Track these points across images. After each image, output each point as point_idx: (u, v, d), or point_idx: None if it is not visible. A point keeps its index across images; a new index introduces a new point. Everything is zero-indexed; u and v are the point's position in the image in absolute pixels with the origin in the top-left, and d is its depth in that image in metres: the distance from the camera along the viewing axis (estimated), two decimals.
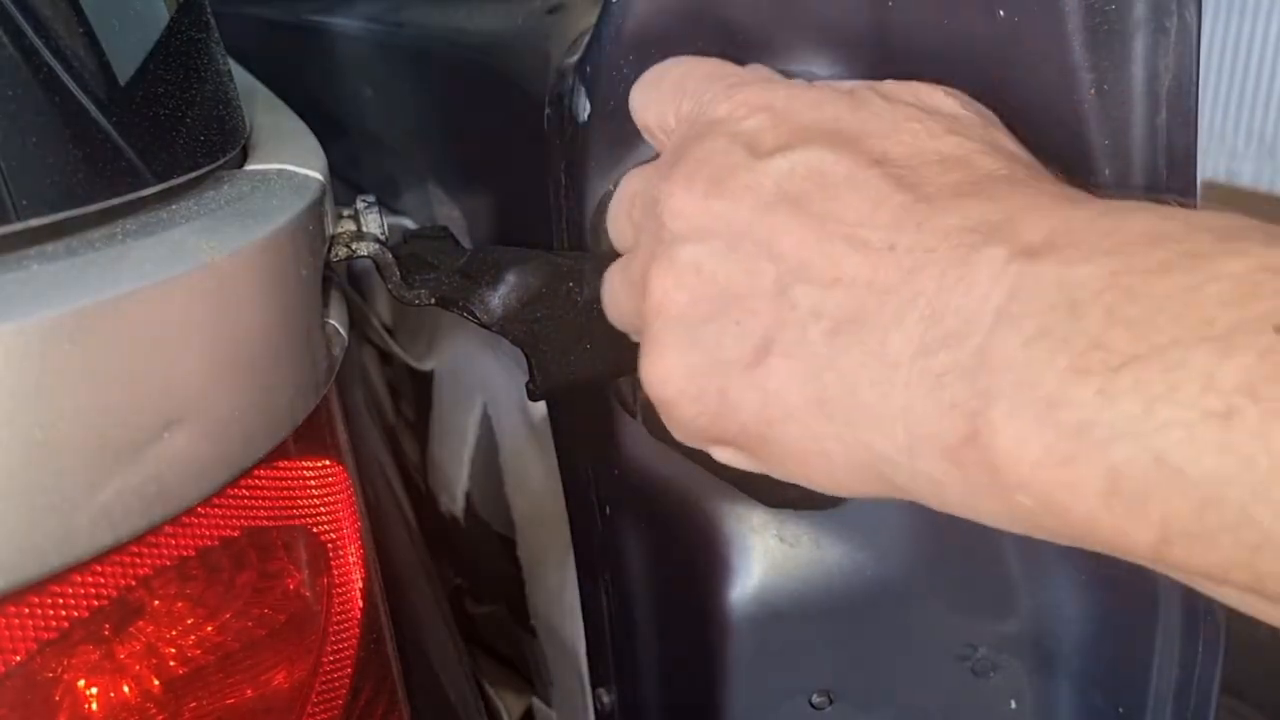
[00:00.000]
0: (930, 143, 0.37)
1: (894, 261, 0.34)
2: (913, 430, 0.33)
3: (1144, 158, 0.46)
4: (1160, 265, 0.28)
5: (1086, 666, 0.57)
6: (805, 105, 0.39)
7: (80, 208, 0.36)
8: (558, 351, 0.48)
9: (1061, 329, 0.29)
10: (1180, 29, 0.44)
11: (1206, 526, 0.26)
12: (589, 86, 0.49)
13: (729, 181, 0.38)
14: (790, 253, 0.36)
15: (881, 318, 0.34)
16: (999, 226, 0.32)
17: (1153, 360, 0.27)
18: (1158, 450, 0.27)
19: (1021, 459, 0.29)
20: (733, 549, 0.55)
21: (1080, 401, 0.28)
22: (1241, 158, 2.76)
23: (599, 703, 0.66)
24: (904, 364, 0.33)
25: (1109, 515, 0.28)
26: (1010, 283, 0.31)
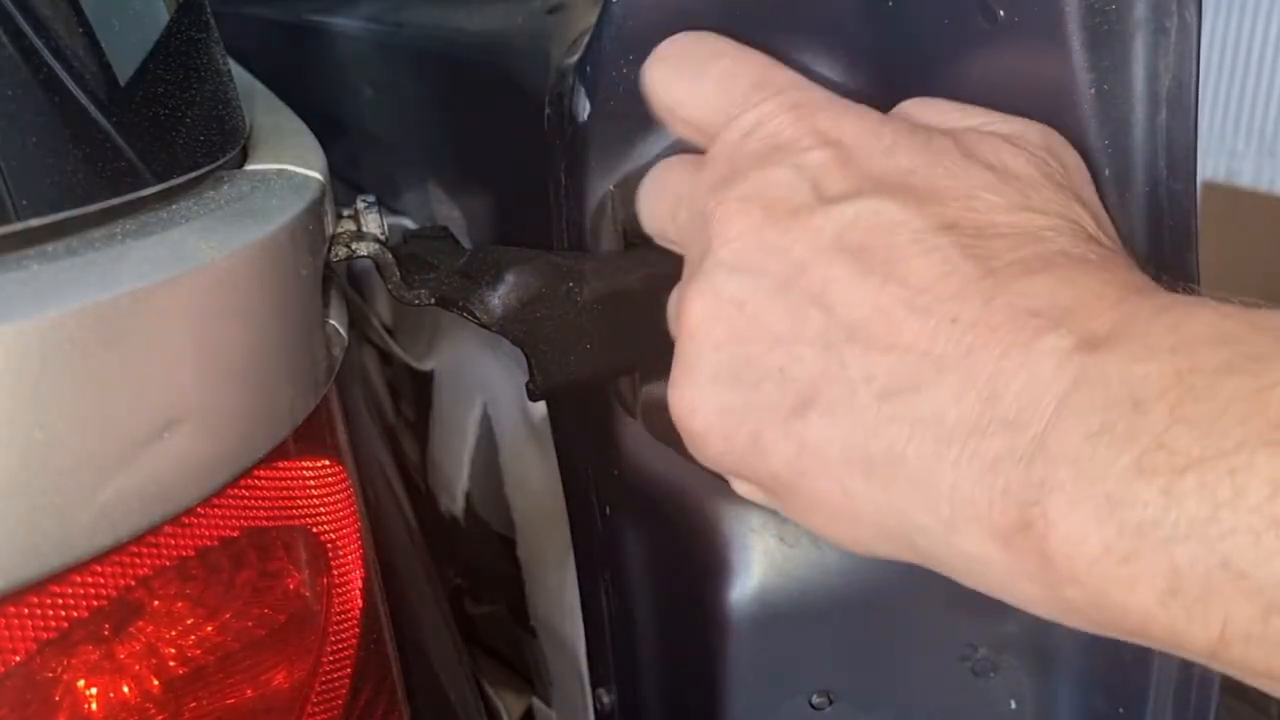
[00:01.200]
0: (1004, 216, 0.35)
1: (955, 335, 0.33)
2: (958, 509, 0.32)
3: (1144, 158, 0.46)
4: (1224, 366, 0.28)
5: (1086, 666, 0.57)
6: (878, 150, 0.37)
7: (80, 208, 0.36)
8: (558, 351, 0.48)
9: (1125, 425, 0.29)
10: (1180, 29, 0.44)
11: (1271, 631, 0.26)
12: (589, 86, 0.49)
13: (788, 220, 0.36)
14: (843, 307, 0.35)
15: (937, 391, 0.33)
16: (1067, 312, 0.32)
17: (1218, 463, 0.27)
18: (1223, 554, 0.26)
19: (1079, 554, 0.29)
20: (733, 549, 0.55)
21: (1144, 501, 0.28)
22: (1241, 158, 2.76)
23: (599, 703, 0.66)
24: (957, 442, 0.32)
25: (1165, 615, 0.28)
26: (1074, 374, 0.30)
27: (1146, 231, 0.47)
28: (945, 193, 0.36)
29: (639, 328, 0.47)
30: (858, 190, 0.36)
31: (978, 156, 0.37)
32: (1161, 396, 0.28)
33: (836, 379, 0.35)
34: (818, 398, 0.35)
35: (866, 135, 0.38)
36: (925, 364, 0.33)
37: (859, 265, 0.35)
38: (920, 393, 0.33)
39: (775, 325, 0.36)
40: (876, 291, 0.34)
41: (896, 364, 0.34)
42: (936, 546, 0.34)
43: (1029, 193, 0.36)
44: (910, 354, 0.33)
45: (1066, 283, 0.33)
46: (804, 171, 0.37)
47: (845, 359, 0.35)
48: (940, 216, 0.35)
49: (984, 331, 0.32)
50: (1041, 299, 0.32)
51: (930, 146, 0.38)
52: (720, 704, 0.57)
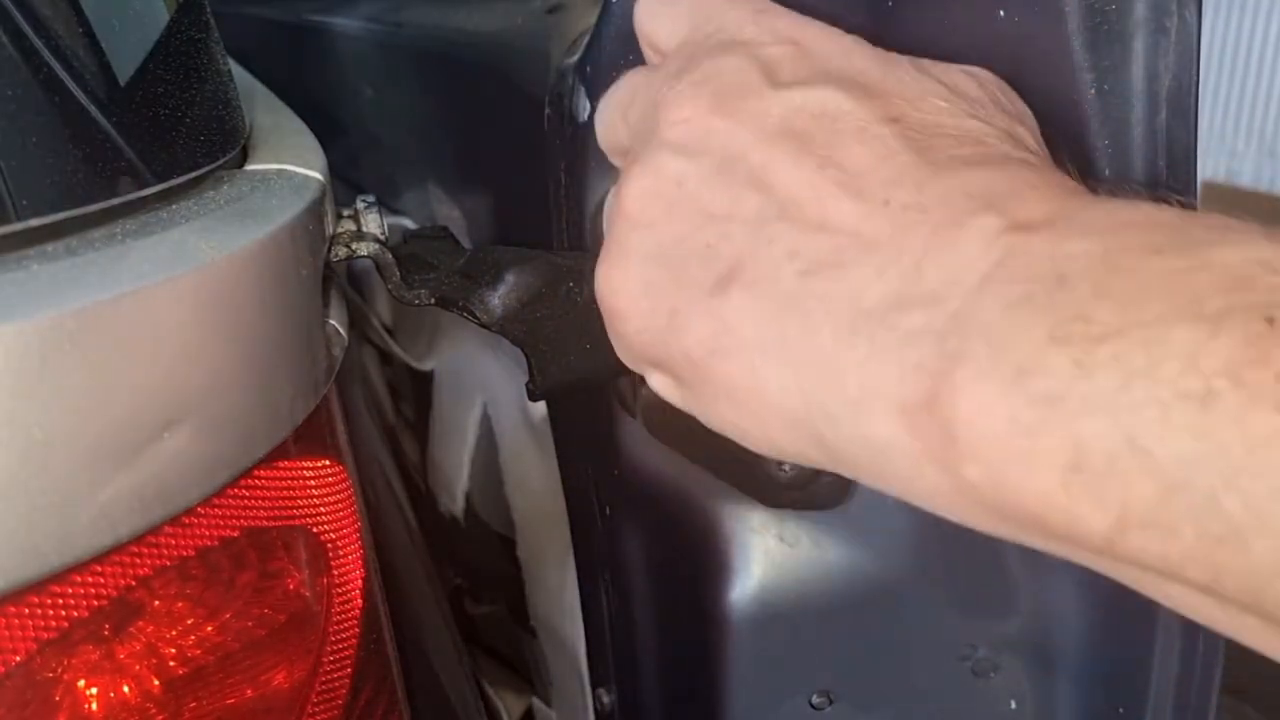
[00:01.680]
0: (950, 119, 0.35)
1: (886, 216, 0.32)
2: (866, 385, 0.31)
3: (1144, 158, 0.46)
4: (1153, 247, 0.27)
5: (1086, 666, 0.57)
6: (835, 50, 0.38)
7: (80, 208, 0.36)
8: (558, 351, 0.48)
9: (1045, 298, 0.28)
10: (1180, 29, 0.44)
11: (1169, 514, 0.25)
12: (589, 86, 0.49)
13: (736, 101, 0.37)
14: (780, 187, 0.35)
15: (862, 269, 0.32)
16: (999, 198, 0.31)
17: (1135, 335, 0.26)
18: (1129, 428, 0.25)
19: (981, 425, 0.28)
20: (733, 549, 0.55)
21: (1054, 370, 0.27)
22: (1241, 158, 2.76)
23: (599, 703, 0.66)
24: (875, 316, 0.31)
25: (1064, 496, 0.27)
26: (1000, 252, 0.30)
27: None
28: (895, 92, 0.36)
29: None
30: (808, 80, 0.36)
31: (931, 73, 0.38)
32: (1086, 273, 0.28)
33: (762, 255, 0.34)
34: (741, 273, 0.35)
35: (824, 38, 0.38)
36: (853, 243, 0.33)
37: (800, 148, 0.35)
38: (844, 270, 0.33)
39: (710, 203, 0.36)
40: (813, 173, 0.34)
41: (824, 242, 0.33)
42: (841, 432, 0.32)
43: (977, 109, 0.37)
44: (839, 234, 0.33)
45: (1005, 175, 0.32)
46: (757, 61, 0.37)
47: (773, 236, 0.34)
48: (886, 109, 0.35)
49: (915, 213, 0.32)
50: (976, 185, 0.32)
51: (887, 56, 0.38)
52: (720, 704, 0.57)
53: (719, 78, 0.37)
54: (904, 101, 0.36)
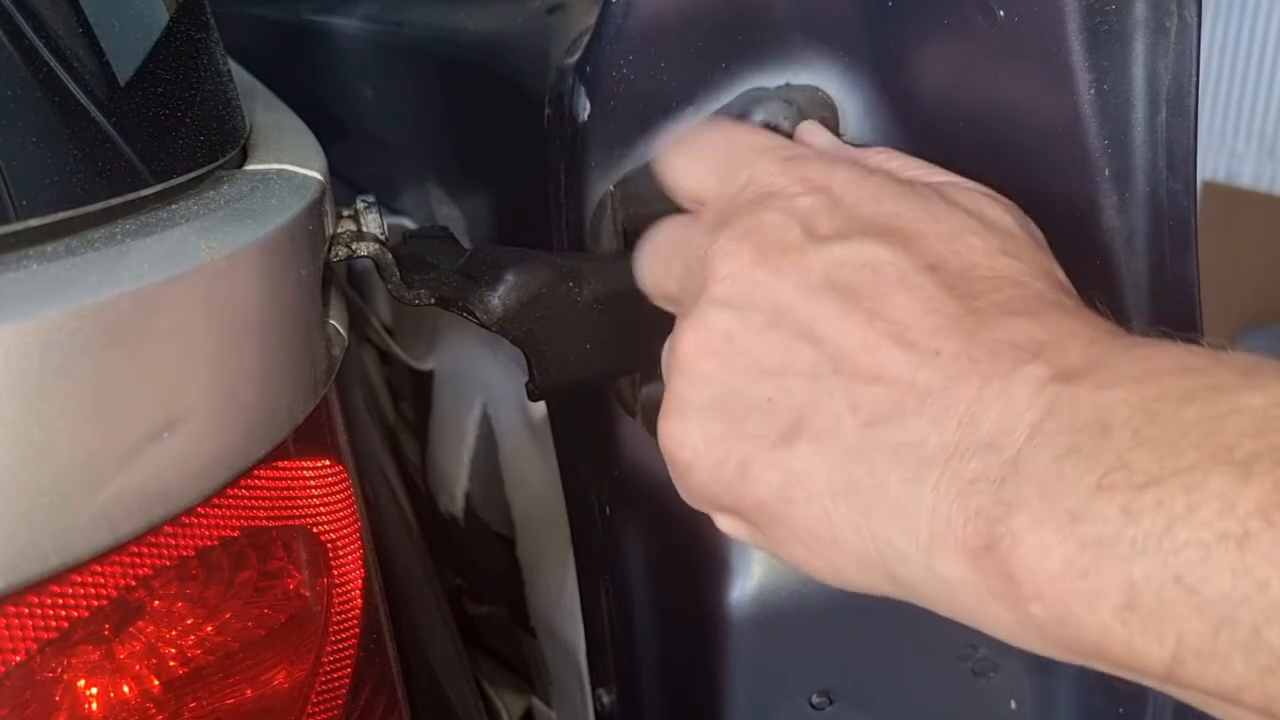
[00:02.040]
0: (985, 259, 0.37)
1: (939, 367, 0.34)
2: (935, 531, 0.33)
3: (1144, 158, 0.46)
4: (1186, 395, 0.30)
5: (1086, 667, 0.56)
6: (865, 195, 0.39)
7: (80, 208, 0.36)
8: (558, 351, 0.48)
9: (1090, 448, 0.30)
10: (1180, 29, 0.44)
11: (1220, 647, 0.27)
12: (589, 86, 0.49)
13: (778, 257, 0.38)
14: (832, 341, 0.36)
15: (920, 419, 0.34)
16: (1043, 347, 0.33)
17: (1174, 482, 0.28)
18: (1176, 569, 0.27)
19: (1040, 569, 0.30)
20: (733, 549, 0.55)
21: (1103, 517, 0.29)
22: (1241, 158, 2.75)
23: (599, 703, 0.66)
24: (937, 466, 0.33)
25: (1123, 630, 0.29)
26: (1047, 402, 0.32)
27: (1146, 231, 0.47)
28: (929, 235, 0.38)
29: (639, 328, 0.47)
30: (846, 232, 0.38)
31: (960, 204, 0.39)
32: (1126, 422, 0.30)
33: (823, 409, 0.36)
34: (804, 427, 0.37)
35: (853, 183, 0.39)
36: (909, 394, 0.35)
37: (847, 302, 0.37)
38: (904, 420, 0.34)
39: (764, 358, 0.38)
40: (863, 326, 0.36)
41: (882, 394, 0.35)
42: (914, 572, 0.35)
43: (1008, 240, 0.38)
44: (895, 385, 0.35)
45: (1044, 322, 0.34)
46: (794, 214, 0.39)
47: (832, 389, 0.36)
48: (924, 257, 0.37)
49: (966, 363, 0.34)
50: (1020, 335, 0.34)
51: (914, 193, 0.39)
52: (720, 704, 0.57)
53: (758, 232, 0.39)
54: (940, 244, 0.37)
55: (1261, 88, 2.73)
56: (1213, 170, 2.73)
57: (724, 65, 0.47)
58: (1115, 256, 0.48)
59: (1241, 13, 2.73)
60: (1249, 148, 2.73)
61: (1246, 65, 2.74)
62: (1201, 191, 2.43)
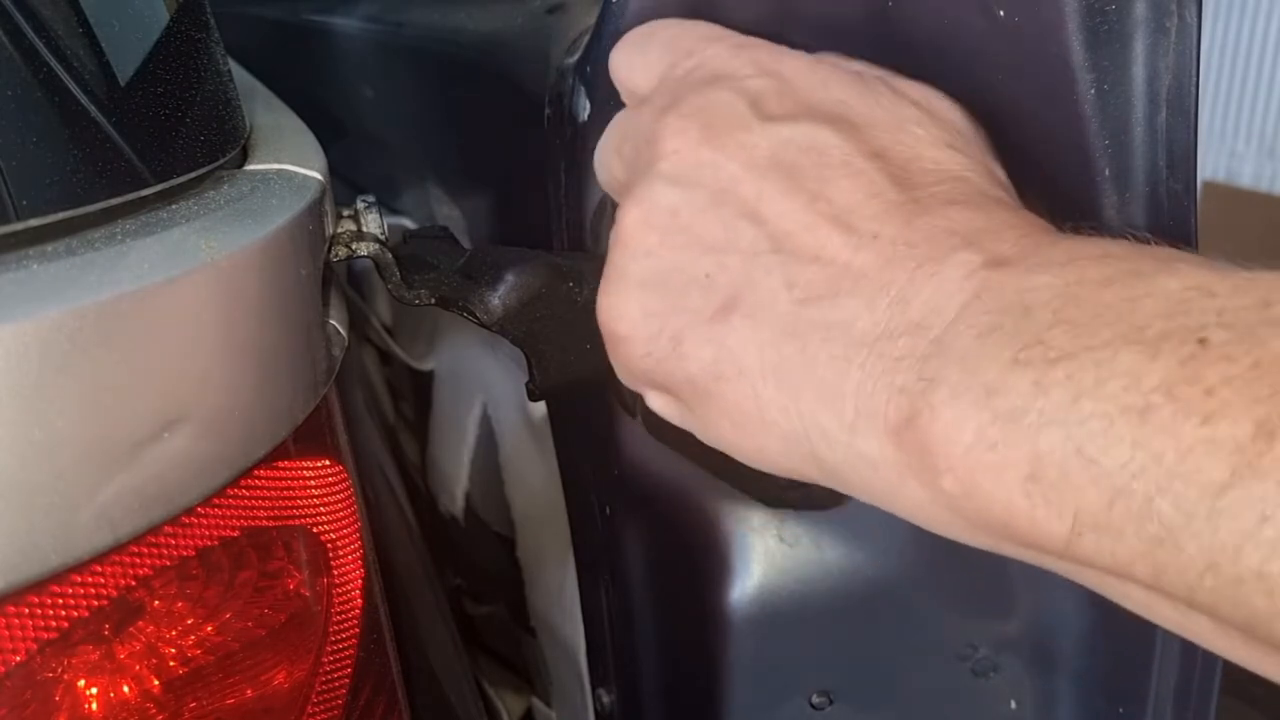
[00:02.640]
0: (929, 150, 0.38)
1: (876, 249, 0.35)
2: (860, 408, 0.34)
3: (1144, 158, 0.46)
4: (1105, 279, 0.30)
5: (1086, 666, 0.57)
6: (814, 81, 0.40)
7: (80, 208, 0.36)
8: (558, 351, 0.48)
9: (1011, 326, 0.31)
10: (1180, 29, 0.44)
11: (1114, 518, 0.28)
12: (589, 86, 0.49)
13: (725, 135, 0.38)
14: (773, 220, 0.37)
15: (854, 299, 0.35)
16: (978, 235, 0.34)
17: (1086, 357, 0.29)
18: (1079, 440, 0.28)
19: (954, 441, 0.31)
20: (733, 549, 0.55)
21: (1016, 389, 0.30)
22: (1241, 158, 2.75)
23: (599, 703, 0.66)
24: (866, 345, 0.34)
25: (1026, 503, 0.30)
26: (976, 286, 0.33)
27: (1146, 231, 0.47)
28: (876, 122, 0.38)
29: None
30: (793, 114, 0.38)
31: (908, 95, 0.40)
32: (1048, 304, 0.31)
33: (760, 285, 0.37)
34: (740, 302, 0.37)
35: (804, 69, 0.40)
36: (845, 274, 0.35)
37: (791, 182, 0.37)
38: (838, 300, 0.35)
39: (706, 234, 0.38)
40: (805, 207, 0.37)
41: (818, 273, 0.36)
42: (837, 453, 0.35)
43: (954, 134, 0.39)
44: (832, 265, 0.36)
45: (982, 213, 0.35)
46: (743, 94, 0.39)
47: (770, 267, 0.37)
48: (869, 143, 0.37)
49: (903, 247, 0.35)
50: (958, 223, 0.35)
51: (862, 81, 0.40)
52: (720, 704, 0.57)
53: (707, 110, 0.39)
54: (885, 133, 0.38)
55: (1261, 88, 2.73)
56: (1213, 170, 2.73)
57: None
58: None
59: (1241, 13, 2.73)
60: (1249, 148, 2.73)
61: (1246, 65, 2.74)
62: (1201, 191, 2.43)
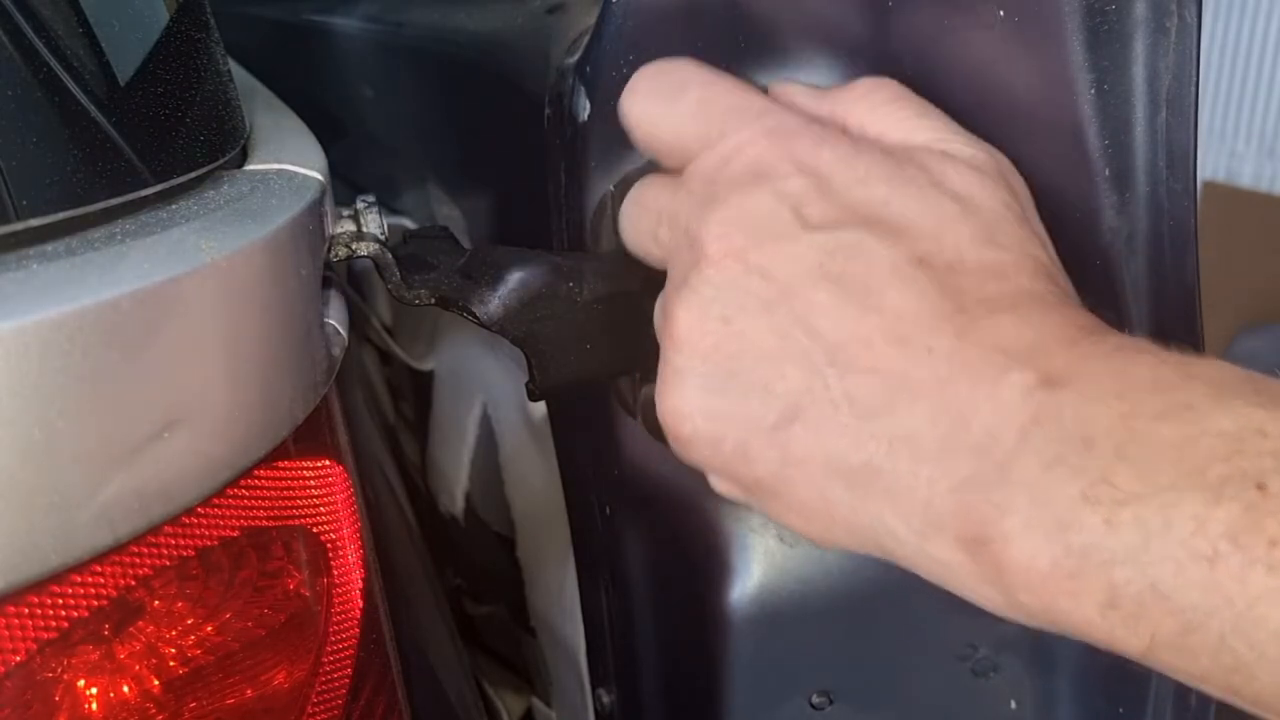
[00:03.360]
0: (972, 251, 0.39)
1: (931, 364, 0.36)
2: (929, 520, 0.36)
3: (1144, 158, 0.46)
4: (1160, 413, 0.32)
5: (1086, 666, 0.57)
6: (854, 178, 0.40)
7: (80, 208, 0.36)
8: (558, 351, 0.48)
9: (1075, 459, 0.33)
10: (1180, 29, 0.44)
11: (1189, 645, 0.31)
12: (589, 86, 0.49)
13: (771, 245, 0.39)
14: (827, 332, 0.38)
15: (913, 414, 0.36)
16: (1029, 352, 0.35)
17: (1152, 499, 0.31)
18: (1152, 578, 0.31)
19: (1030, 569, 0.33)
20: (733, 549, 0.55)
21: (1088, 527, 0.32)
22: (1241, 158, 2.75)
23: (599, 703, 0.66)
24: (929, 461, 0.36)
25: (1104, 623, 0.32)
26: (1034, 409, 0.34)
27: (1146, 231, 0.47)
28: (917, 225, 0.39)
29: (639, 328, 0.47)
30: (838, 220, 0.39)
31: (945, 186, 0.40)
32: (1108, 436, 0.33)
33: (820, 398, 0.38)
34: (802, 414, 0.38)
35: (842, 164, 0.40)
36: (903, 388, 0.36)
37: (841, 293, 0.38)
38: (896, 415, 0.36)
39: (760, 343, 0.39)
40: (857, 320, 0.37)
41: (877, 386, 0.37)
42: (907, 550, 0.37)
43: (992, 227, 0.40)
44: (890, 378, 0.37)
45: (1028, 323, 0.37)
46: (784, 199, 0.39)
47: (828, 380, 0.38)
48: (914, 249, 0.38)
49: (958, 364, 0.36)
50: (1008, 338, 0.36)
51: (901, 176, 0.40)
52: (720, 704, 0.57)
53: (750, 217, 0.39)
54: (927, 236, 0.39)
55: (1261, 88, 2.73)
56: (1213, 170, 2.73)
57: (724, 65, 0.47)
58: (1115, 256, 0.48)
59: (1241, 13, 2.73)
60: (1249, 148, 2.73)
61: (1246, 65, 2.74)
62: (1201, 191, 2.43)
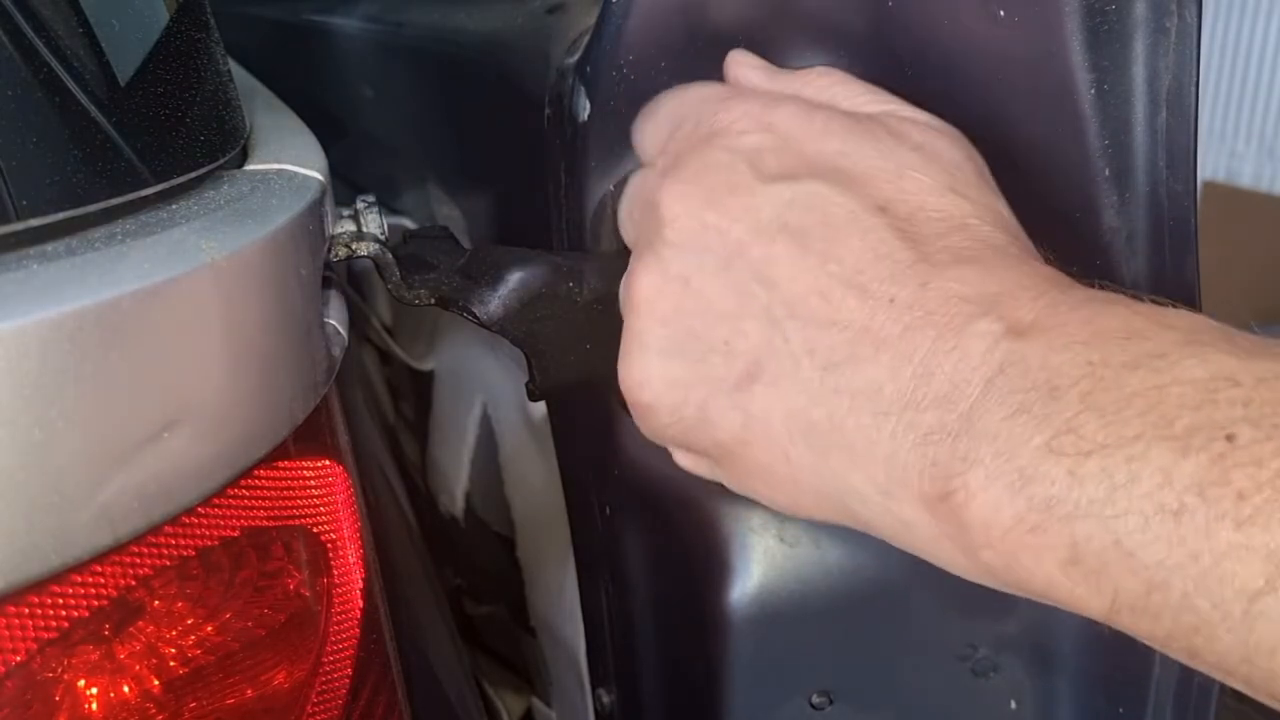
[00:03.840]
0: (933, 198, 0.38)
1: (893, 314, 0.35)
2: (893, 476, 0.35)
3: (1144, 158, 0.46)
4: (1130, 361, 0.31)
5: (1086, 666, 0.57)
6: (810, 133, 0.39)
7: (80, 208, 0.36)
8: (558, 351, 0.48)
9: (1040, 408, 0.31)
10: (1180, 29, 0.44)
11: (1152, 604, 0.30)
12: (589, 86, 0.49)
13: (727, 199, 0.38)
14: (785, 284, 0.37)
15: (876, 366, 0.35)
16: (994, 300, 0.34)
17: (1118, 451, 0.30)
18: (1116, 533, 0.29)
19: (992, 523, 0.32)
20: (733, 549, 0.55)
21: (1051, 478, 0.31)
22: (1241, 158, 2.75)
23: (599, 703, 0.66)
24: (893, 414, 0.35)
25: (1066, 581, 0.31)
26: (1000, 358, 0.33)
27: (1146, 231, 0.47)
28: (876, 173, 0.38)
29: None
30: (793, 172, 0.38)
31: (906, 138, 0.39)
32: (1074, 385, 0.31)
33: (780, 352, 0.37)
34: (762, 370, 0.37)
35: (798, 119, 0.40)
36: (864, 339, 0.35)
37: (798, 244, 0.37)
38: (859, 366, 0.35)
39: (719, 301, 0.38)
40: (816, 270, 0.36)
41: (837, 338, 0.36)
42: (871, 510, 0.36)
43: (955, 176, 0.39)
44: (850, 330, 0.36)
45: (994, 273, 0.35)
46: (740, 152, 0.39)
47: (788, 333, 0.37)
48: (873, 197, 0.37)
49: (920, 313, 0.35)
50: (972, 286, 0.35)
51: (859, 128, 0.39)
52: (720, 704, 0.57)
53: (706, 173, 0.39)
54: (886, 184, 0.38)
55: (1261, 88, 2.73)
56: (1213, 170, 2.73)
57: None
58: (1115, 256, 0.48)
59: (1241, 13, 2.73)
60: (1249, 148, 2.73)
61: (1246, 65, 2.74)
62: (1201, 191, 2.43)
